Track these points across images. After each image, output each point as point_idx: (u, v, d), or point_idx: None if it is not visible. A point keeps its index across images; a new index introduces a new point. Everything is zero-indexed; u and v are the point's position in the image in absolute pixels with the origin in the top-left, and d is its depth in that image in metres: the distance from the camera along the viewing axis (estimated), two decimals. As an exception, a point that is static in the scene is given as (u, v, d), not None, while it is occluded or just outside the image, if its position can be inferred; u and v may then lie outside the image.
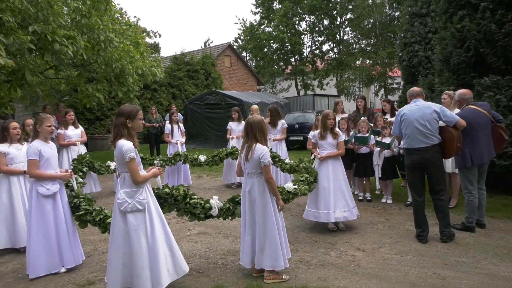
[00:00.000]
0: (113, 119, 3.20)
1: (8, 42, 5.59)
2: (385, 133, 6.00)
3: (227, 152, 6.82)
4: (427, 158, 4.22)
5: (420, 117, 4.21)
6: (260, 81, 27.02)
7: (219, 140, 13.74)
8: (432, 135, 4.20)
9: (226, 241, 4.59)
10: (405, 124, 4.33)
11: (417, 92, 4.47)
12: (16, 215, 4.34)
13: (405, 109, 4.42)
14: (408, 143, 4.34)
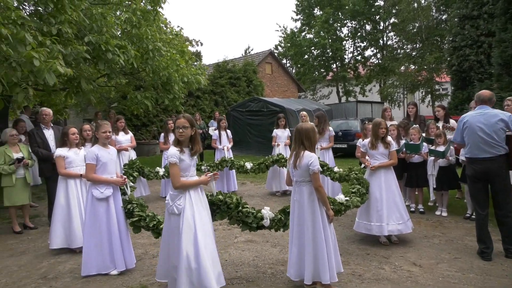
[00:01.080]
0: None
1: (66, 52, 5.86)
2: (438, 142, 5.69)
3: (273, 160, 6.77)
4: (492, 169, 3.93)
5: (485, 126, 3.93)
6: (301, 87, 26.85)
7: (261, 147, 13.75)
8: (498, 145, 3.90)
9: (274, 250, 4.51)
10: (467, 133, 4.06)
11: (485, 97, 4.09)
12: (72, 217, 4.52)
13: (468, 116, 4.15)
14: (470, 152, 4.07)
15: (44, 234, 5.34)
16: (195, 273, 3.00)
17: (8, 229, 5.62)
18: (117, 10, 8.62)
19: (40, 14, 6.12)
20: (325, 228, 3.28)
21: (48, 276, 3.94)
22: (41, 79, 4.83)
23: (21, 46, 4.57)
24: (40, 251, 4.71)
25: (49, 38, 5.28)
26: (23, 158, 5.38)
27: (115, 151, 4.12)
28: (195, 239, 3.07)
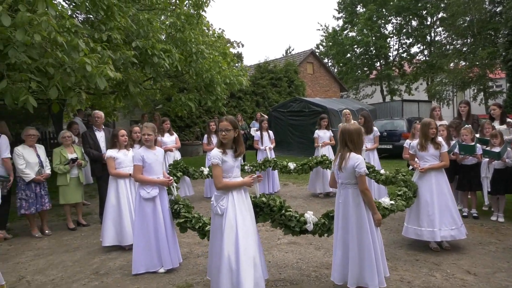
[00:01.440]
0: None
1: (115, 57, 6.12)
2: (494, 142, 5.34)
3: (317, 161, 6.68)
4: None
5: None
6: (343, 87, 26.35)
7: (302, 147, 13.63)
8: None
9: (318, 253, 4.44)
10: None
11: None
12: (122, 215, 4.70)
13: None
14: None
15: (96, 231, 5.60)
16: (235, 274, 3.01)
17: (63, 225, 5.96)
18: (162, 15, 8.90)
19: (91, 22, 6.43)
20: (372, 231, 3.17)
21: (99, 272, 4.13)
22: (92, 84, 5.06)
23: (75, 52, 4.81)
24: (92, 248, 4.95)
25: (100, 44, 5.54)
26: (77, 159, 5.68)
27: (162, 152, 4.23)
28: (236, 240, 3.08)
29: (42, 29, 4.15)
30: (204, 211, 6.60)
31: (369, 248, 3.11)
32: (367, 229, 3.14)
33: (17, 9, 4.32)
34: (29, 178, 5.21)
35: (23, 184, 5.26)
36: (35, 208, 5.34)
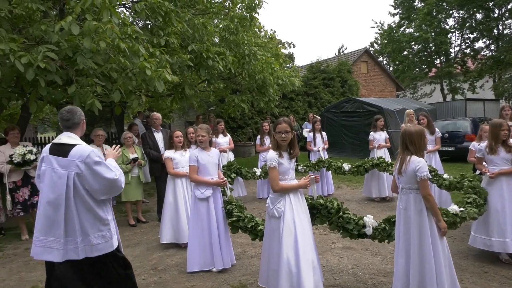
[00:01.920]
0: None
1: (172, 61, 6.35)
2: None
3: (373, 163, 6.44)
4: None
5: None
6: (399, 86, 25.27)
7: (356, 149, 13.26)
8: None
9: (375, 260, 4.27)
10: None
11: None
12: (179, 214, 4.85)
13: None
14: None
15: (154, 228, 5.84)
16: (296, 277, 2.97)
17: (125, 222, 6.27)
18: (216, 18, 9.08)
19: (150, 28, 6.72)
20: (435, 240, 2.96)
21: (158, 268, 4.28)
22: (151, 87, 5.29)
23: (136, 57, 5.06)
24: (151, 244, 5.16)
25: (158, 49, 5.77)
26: (137, 158, 5.95)
27: (217, 153, 4.30)
28: (296, 243, 3.04)
29: (106, 37, 4.40)
30: (257, 212, 6.63)
31: (430, 258, 2.92)
32: (428, 237, 2.95)
33: (84, 18, 4.63)
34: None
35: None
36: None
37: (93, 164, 2.74)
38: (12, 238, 5.63)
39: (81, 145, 2.83)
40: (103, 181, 2.76)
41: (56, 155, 2.79)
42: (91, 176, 2.73)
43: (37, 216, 2.80)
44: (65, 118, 2.92)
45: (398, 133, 12.11)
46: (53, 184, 2.73)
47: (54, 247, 2.72)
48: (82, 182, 2.74)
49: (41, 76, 4.48)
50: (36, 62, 4.17)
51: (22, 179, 5.51)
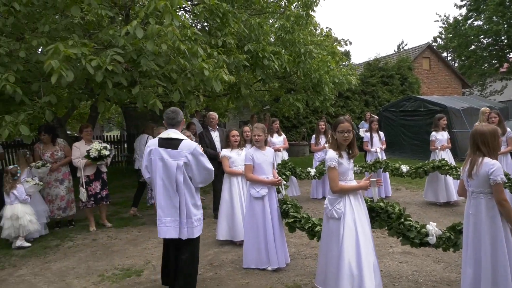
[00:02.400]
0: None
1: (229, 61, 6.49)
2: None
3: (434, 165, 6.10)
4: None
5: None
6: (465, 83, 23.64)
7: (416, 150, 12.63)
8: None
9: (437, 267, 4.04)
10: None
11: None
12: (234, 212, 4.94)
13: None
14: None
15: (210, 225, 5.99)
16: (357, 280, 2.91)
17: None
18: (271, 18, 9.12)
19: (208, 29, 6.91)
20: (510, 249, 2.73)
21: (213, 264, 4.40)
22: (209, 87, 5.44)
23: (195, 59, 5.23)
24: (207, 240, 5.30)
25: (216, 49, 5.92)
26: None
27: (272, 152, 4.32)
28: (357, 245, 2.98)
29: (168, 39, 4.60)
30: (311, 212, 6.56)
31: (505, 268, 2.69)
32: (503, 245, 2.72)
33: (147, 22, 4.88)
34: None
35: (151, 177, 5.90)
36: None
37: (198, 155, 3.34)
38: (81, 229, 6.08)
39: (187, 140, 3.43)
40: (204, 170, 3.37)
41: (167, 147, 3.35)
42: (195, 165, 3.33)
43: (157, 201, 3.35)
44: (171, 117, 3.49)
45: (464, 133, 11.40)
46: (166, 172, 3.30)
47: (171, 226, 3.30)
48: (187, 171, 3.33)
49: (109, 78, 4.79)
50: (104, 65, 4.47)
51: (95, 174, 5.96)
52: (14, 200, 5.21)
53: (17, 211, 5.16)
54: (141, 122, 14.10)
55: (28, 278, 4.21)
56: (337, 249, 3.04)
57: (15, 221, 5.13)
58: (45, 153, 5.86)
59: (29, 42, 4.89)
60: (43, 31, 5.00)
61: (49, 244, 5.34)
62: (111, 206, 7.13)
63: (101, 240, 5.50)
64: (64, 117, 8.38)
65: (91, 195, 5.90)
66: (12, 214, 5.13)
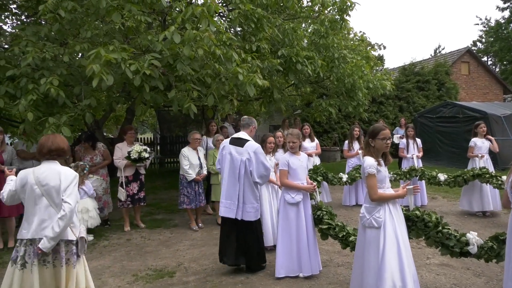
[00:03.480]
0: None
1: (263, 66, 6.50)
2: None
3: (474, 174, 5.85)
4: None
5: None
6: (507, 89, 22.57)
7: (453, 158, 12.15)
8: None
9: (478, 281, 3.86)
10: None
11: None
12: (264, 217, 4.91)
13: None
14: None
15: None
16: None
17: (213, 220, 6.55)
18: (304, 22, 9.07)
19: (243, 34, 6.96)
20: None
21: (244, 268, 4.39)
22: (243, 91, 5.48)
23: (229, 63, 5.28)
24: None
25: (250, 54, 5.95)
26: (226, 160, 6.19)
27: (306, 158, 4.28)
28: (399, 255, 2.90)
29: (204, 44, 4.66)
30: (343, 219, 6.43)
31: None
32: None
33: (184, 27, 4.97)
34: (191, 177, 5.90)
35: (185, 182, 5.98)
36: (194, 204, 6.02)
37: (259, 154, 4.08)
38: (117, 229, 6.25)
39: (252, 141, 4.20)
40: (262, 167, 4.05)
41: (235, 145, 4.19)
42: (255, 162, 4.04)
43: (222, 187, 4.22)
44: (245, 122, 4.37)
45: (506, 142, 10.87)
46: (232, 164, 4.13)
47: (231, 208, 4.07)
48: (249, 165, 4.06)
49: (146, 82, 4.91)
50: (142, 69, 4.59)
51: (133, 175, 6.14)
52: (83, 195, 5.46)
53: (87, 205, 5.44)
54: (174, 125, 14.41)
55: (67, 275, 4.36)
56: (375, 260, 2.95)
57: (85, 214, 5.38)
58: (85, 157, 6.09)
59: (72, 47, 5.10)
60: (85, 37, 5.20)
61: (86, 242, 5.52)
62: (145, 207, 7.30)
63: (135, 241, 5.63)
64: (101, 119, 8.69)
65: (129, 196, 6.06)
66: (83, 208, 5.37)
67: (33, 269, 2.64)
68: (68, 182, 2.82)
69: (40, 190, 2.76)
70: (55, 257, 2.74)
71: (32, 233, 2.70)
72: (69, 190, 2.80)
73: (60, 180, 2.80)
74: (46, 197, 2.77)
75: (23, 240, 2.72)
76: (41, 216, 2.74)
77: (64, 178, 2.82)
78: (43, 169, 2.83)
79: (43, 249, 2.63)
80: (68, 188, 2.80)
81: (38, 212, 2.75)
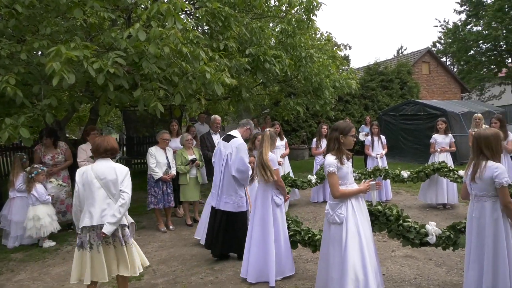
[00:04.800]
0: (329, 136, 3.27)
1: (230, 65, 6.48)
2: None
3: (434, 168, 6.10)
4: None
5: None
6: (464, 88, 23.70)
7: (416, 154, 12.62)
8: None
9: (439, 270, 4.03)
10: None
11: None
12: None
13: None
14: None
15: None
16: (363, 284, 2.90)
17: (182, 221, 6.47)
18: (272, 22, 9.12)
19: (211, 32, 6.91)
20: (510, 251, 2.75)
21: (214, 268, 4.37)
22: (210, 90, 5.43)
23: (196, 62, 5.22)
24: (208, 244, 5.27)
25: (218, 53, 5.91)
26: (195, 160, 6.12)
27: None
28: (361, 249, 2.97)
29: (170, 42, 4.59)
30: (312, 216, 6.55)
31: (504, 269, 2.72)
32: (504, 247, 2.75)
33: (149, 25, 4.87)
34: (157, 176, 5.77)
35: (152, 181, 5.86)
36: (162, 204, 5.89)
37: (241, 149, 4.31)
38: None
39: (239, 138, 4.50)
40: (240, 162, 4.25)
41: (225, 140, 4.55)
42: (235, 156, 4.29)
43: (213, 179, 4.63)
44: (241, 122, 4.80)
45: (463, 138, 11.40)
46: (219, 158, 4.50)
47: (214, 197, 4.47)
48: (230, 159, 4.32)
49: (110, 80, 4.77)
50: (106, 68, 4.45)
51: None
52: (35, 201, 5.23)
53: (39, 212, 5.21)
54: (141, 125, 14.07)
55: (27, 284, 4.17)
56: (339, 254, 3.02)
57: (37, 221, 5.17)
58: (46, 155, 5.83)
59: (30, 44, 4.87)
60: (45, 34, 4.98)
61: (48, 248, 5.30)
62: (111, 209, 7.10)
63: (101, 244, 5.46)
64: (63, 120, 8.35)
65: None
66: (34, 215, 5.16)
67: (100, 249, 3.11)
68: (123, 176, 3.24)
69: (99, 183, 3.16)
70: (114, 239, 3.18)
71: (96, 220, 3.10)
72: (125, 182, 3.23)
73: (116, 174, 3.21)
74: (105, 189, 3.17)
75: (86, 227, 3.12)
76: (101, 206, 3.14)
77: (119, 172, 3.23)
78: (100, 166, 3.23)
79: (107, 233, 3.05)
80: (124, 180, 3.23)
81: (98, 202, 3.14)
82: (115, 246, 3.22)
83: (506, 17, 22.06)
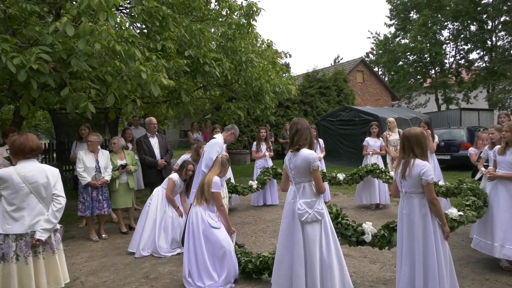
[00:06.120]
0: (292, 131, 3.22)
1: (168, 66, 6.28)
2: None
3: (367, 170, 6.38)
4: None
5: None
6: (395, 96, 25.38)
7: (352, 157, 13.21)
8: None
9: (373, 267, 4.18)
10: None
11: None
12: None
13: None
14: None
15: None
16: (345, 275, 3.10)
17: (117, 229, 6.12)
18: (213, 26, 9.06)
19: (147, 32, 6.66)
20: (438, 244, 2.90)
21: (149, 276, 4.16)
22: (147, 91, 5.21)
23: (131, 61, 4.97)
24: (144, 252, 5.01)
25: (155, 53, 5.70)
26: (126, 165, 5.80)
27: None
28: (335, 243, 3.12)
29: (102, 38, 4.32)
30: (252, 219, 6.53)
31: (433, 262, 2.86)
32: (432, 241, 2.90)
33: (80, 21, 4.56)
34: (85, 181, 5.38)
35: (81, 187, 5.47)
36: (90, 211, 5.46)
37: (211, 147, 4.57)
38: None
39: (217, 139, 4.74)
40: (209, 158, 4.42)
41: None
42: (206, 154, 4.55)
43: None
44: (227, 128, 5.16)
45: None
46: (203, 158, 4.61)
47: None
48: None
49: (34, 78, 4.38)
50: (28, 63, 4.08)
51: None
52: None
53: None
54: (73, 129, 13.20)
55: None
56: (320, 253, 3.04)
57: None
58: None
59: None
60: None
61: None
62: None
63: (23, 257, 4.97)
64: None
65: None
66: None
67: (28, 260, 2.86)
68: (55, 179, 3.07)
69: (28, 188, 2.92)
70: (44, 247, 2.97)
71: (26, 227, 2.87)
72: (58, 185, 3.06)
73: (47, 177, 3.00)
74: (34, 193, 2.94)
75: (13, 235, 2.85)
76: (32, 211, 2.92)
77: (51, 175, 3.03)
78: (26, 168, 2.96)
79: (42, 239, 2.87)
80: (57, 184, 3.06)
81: (28, 208, 2.91)
82: (44, 258, 2.98)
83: (429, 31, 24.03)
